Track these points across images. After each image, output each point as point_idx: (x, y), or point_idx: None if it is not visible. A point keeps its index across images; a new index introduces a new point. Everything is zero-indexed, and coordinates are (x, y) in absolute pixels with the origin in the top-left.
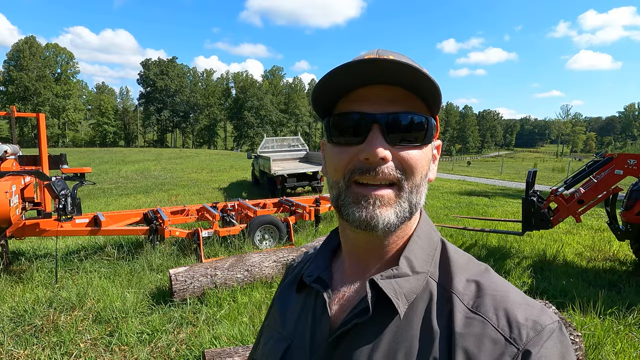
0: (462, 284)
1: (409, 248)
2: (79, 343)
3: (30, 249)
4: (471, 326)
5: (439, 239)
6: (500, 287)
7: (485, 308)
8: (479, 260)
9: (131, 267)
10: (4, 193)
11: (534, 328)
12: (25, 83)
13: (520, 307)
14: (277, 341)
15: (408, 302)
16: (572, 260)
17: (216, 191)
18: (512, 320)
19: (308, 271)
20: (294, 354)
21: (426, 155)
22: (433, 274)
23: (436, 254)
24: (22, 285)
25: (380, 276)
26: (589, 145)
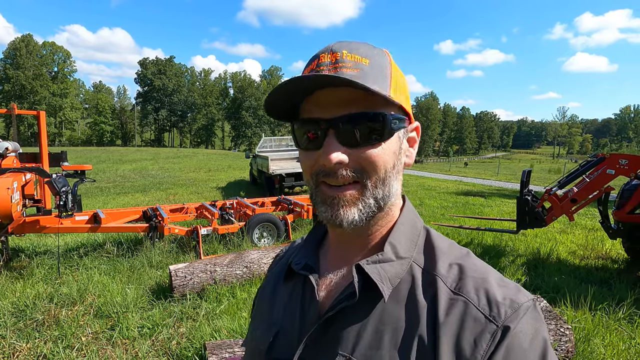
0: (444, 267)
1: (393, 235)
2: (80, 337)
3: (30, 245)
4: (454, 306)
5: (422, 226)
6: (481, 270)
7: (467, 289)
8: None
9: (131, 263)
10: (6, 189)
11: (511, 306)
12: (22, 81)
13: (499, 287)
14: (267, 327)
15: (392, 286)
16: (566, 259)
17: (214, 190)
18: (492, 300)
19: (296, 260)
20: (283, 339)
21: (389, 148)
22: (417, 258)
23: (419, 240)
24: (23, 281)
25: (366, 261)
26: (585, 147)
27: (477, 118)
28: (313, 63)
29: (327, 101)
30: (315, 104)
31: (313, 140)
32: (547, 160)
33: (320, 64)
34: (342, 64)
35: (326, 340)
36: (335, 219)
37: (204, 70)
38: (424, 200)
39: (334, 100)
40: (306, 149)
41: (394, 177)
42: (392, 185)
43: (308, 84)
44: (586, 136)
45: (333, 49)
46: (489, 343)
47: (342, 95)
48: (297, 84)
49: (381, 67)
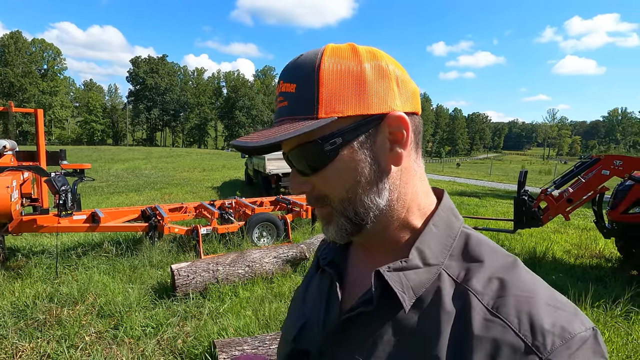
0: (482, 281)
1: (422, 238)
2: (84, 336)
3: (26, 245)
4: (489, 330)
5: (459, 228)
6: (528, 286)
7: (506, 310)
8: None
9: (130, 263)
10: (5, 188)
11: (562, 336)
12: (10, 79)
13: (548, 310)
14: (296, 317)
15: (415, 296)
16: (561, 258)
17: (209, 190)
18: (537, 326)
19: (323, 254)
20: (308, 331)
21: (340, 167)
22: (449, 266)
23: (455, 244)
24: (21, 281)
25: (387, 268)
26: (574, 148)
27: (469, 119)
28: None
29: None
30: None
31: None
32: (538, 162)
33: (277, 94)
34: (280, 98)
35: (345, 339)
36: (325, 234)
37: (197, 70)
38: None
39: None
40: None
41: (365, 192)
42: (366, 199)
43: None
44: (575, 138)
45: (279, 77)
46: None
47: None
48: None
49: (306, 85)
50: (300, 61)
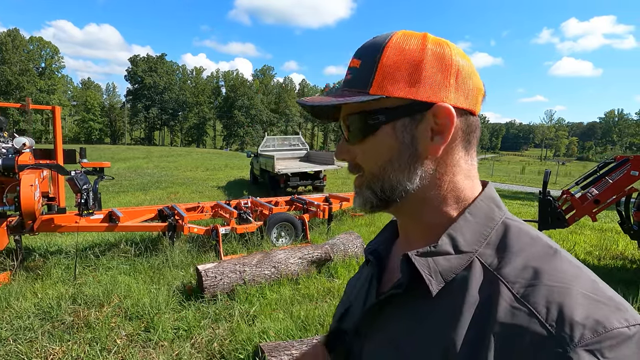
0: (515, 269)
1: (455, 226)
2: (115, 339)
3: (41, 245)
4: (514, 317)
5: (501, 218)
6: (565, 277)
7: (535, 299)
8: None
9: (150, 263)
10: (30, 186)
11: (594, 329)
12: (8, 77)
13: (584, 302)
14: (343, 302)
15: (444, 281)
16: (584, 259)
17: (215, 190)
18: (567, 317)
19: (369, 245)
20: (350, 315)
21: (379, 143)
22: (483, 254)
23: (493, 233)
24: (41, 282)
25: (416, 252)
26: (571, 149)
27: None
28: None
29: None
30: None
31: None
32: (535, 162)
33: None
34: (348, 72)
35: (378, 321)
36: (354, 203)
37: (196, 69)
38: None
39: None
40: None
41: (395, 171)
42: (395, 178)
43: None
44: (572, 139)
45: (354, 55)
46: None
47: None
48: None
49: (366, 64)
50: (371, 41)
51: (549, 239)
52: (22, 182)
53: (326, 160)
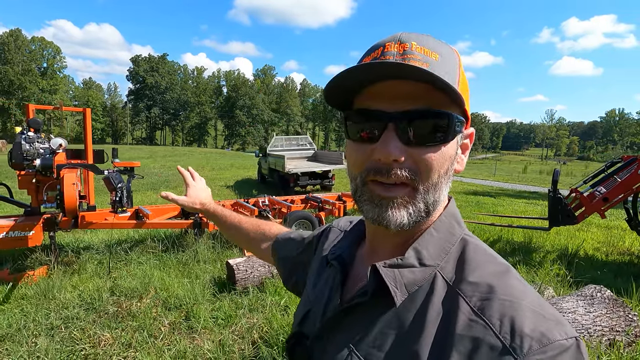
0: (472, 284)
1: (421, 240)
2: (159, 327)
3: (70, 242)
4: (471, 329)
5: (460, 234)
6: (515, 293)
7: (490, 312)
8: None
9: (178, 259)
10: (72, 185)
11: (540, 340)
12: (10, 77)
13: (531, 316)
14: (303, 304)
15: (408, 293)
16: (593, 255)
17: (224, 189)
18: (517, 329)
19: (333, 249)
20: (311, 317)
21: (447, 152)
22: (444, 269)
23: (453, 249)
24: (78, 276)
25: (383, 264)
26: (572, 149)
27: None
28: (377, 51)
29: (391, 94)
30: (376, 96)
31: (369, 133)
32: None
33: (385, 53)
34: (410, 56)
35: (340, 327)
36: (382, 220)
37: (197, 69)
38: None
39: (398, 93)
40: (361, 141)
41: (444, 183)
42: (443, 191)
43: (380, 71)
44: (573, 138)
45: (401, 38)
46: None
47: (407, 89)
48: (366, 72)
49: (451, 65)
50: (436, 40)
51: (500, 257)
52: (65, 181)
53: (334, 160)
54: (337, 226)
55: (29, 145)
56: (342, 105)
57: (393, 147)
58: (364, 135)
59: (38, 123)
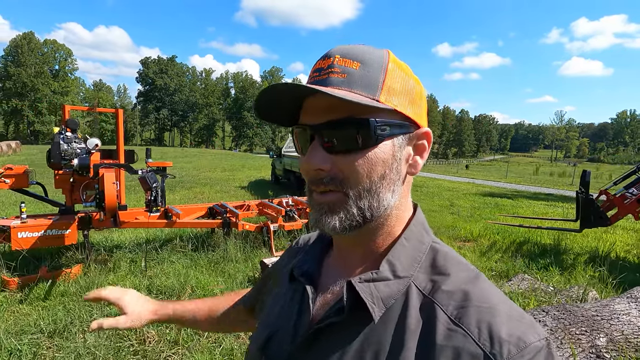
0: (447, 292)
1: (393, 251)
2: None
3: (100, 240)
4: (451, 339)
5: (429, 242)
6: (488, 298)
7: (467, 320)
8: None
9: (209, 258)
10: (112, 184)
11: (517, 345)
12: (23, 79)
13: (506, 321)
14: (263, 326)
15: (385, 307)
16: (625, 257)
17: (239, 190)
18: (495, 335)
19: (298, 264)
20: (275, 342)
21: (377, 156)
22: (417, 279)
23: (424, 258)
24: (113, 274)
25: (358, 279)
26: (582, 150)
27: (475, 121)
28: (314, 66)
29: (313, 107)
30: (305, 111)
31: (303, 146)
32: (546, 164)
33: (317, 69)
34: (331, 70)
35: (314, 349)
36: (318, 224)
37: (205, 70)
38: (453, 201)
39: (319, 106)
40: (301, 153)
41: (384, 188)
42: (383, 196)
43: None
44: (583, 140)
45: (329, 54)
46: None
47: (325, 102)
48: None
49: (372, 71)
50: (364, 48)
51: (468, 262)
52: (105, 180)
53: None
54: (296, 245)
55: (67, 145)
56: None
57: (315, 157)
58: (299, 148)
59: (75, 123)
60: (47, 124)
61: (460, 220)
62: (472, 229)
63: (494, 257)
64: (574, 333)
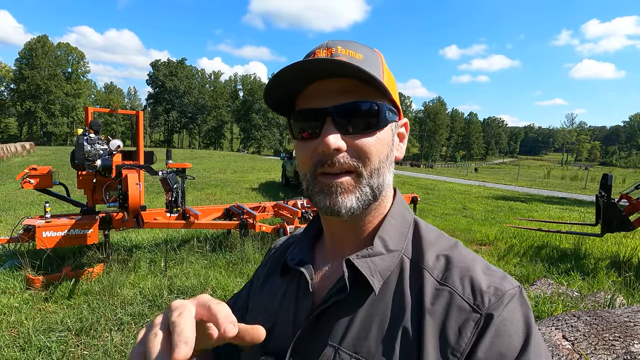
0: (432, 259)
1: (383, 228)
2: None
3: (118, 240)
4: (440, 297)
5: (412, 218)
6: (467, 259)
7: (452, 279)
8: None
9: (227, 259)
10: (136, 185)
11: (495, 294)
12: (37, 81)
13: (484, 275)
14: (263, 320)
15: (383, 279)
16: None
17: (250, 191)
18: (476, 288)
19: (291, 255)
20: (278, 332)
21: (383, 138)
22: (406, 251)
23: (409, 232)
24: (134, 274)
25: (356, 256)
26: (593, 154)
27: (484, 124)
28: (309, 57)
29: (323, 91)
30: (311, 96)
31: (311, 131)
32: (557, 167)
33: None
34: (337, 57)
35: (318, 331)
36: (334, 207)
37: (214, 73)
38: (467, 204)
39: (330, 90)
40: (306, 139)
41: (386, 168)
42: (386, 175)
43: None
44: (594, 143)
45: (328, 45)
46: (473, 331)
47: (337, 86)
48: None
49: (374, 63)
50: (359, 44)
51: (446, 234)
52: (129, 181)
53: None
54: (275, 247)
55: (90, 146)
56: (285, 110)
57: (333, 138)
58: (306, 134)
59: (98, 125)
60: (59, 125)
61: (475, 223)
62: (487, 233)
63: (512, 261)
64: (608, 339)
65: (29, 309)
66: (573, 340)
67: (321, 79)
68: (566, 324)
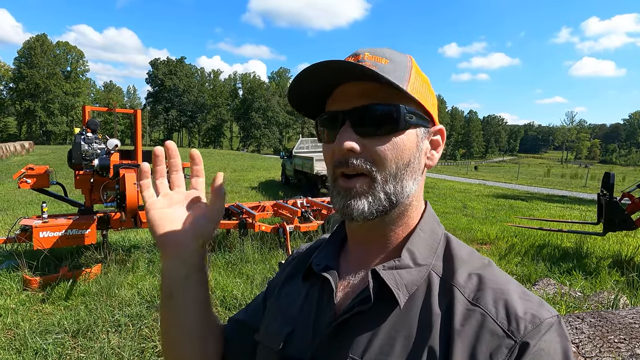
0: (463, 277)
1: (412, 241)
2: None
3: (117, 240)
4: (471, 318)
5: (442, 233)
6: (501, 281)
7: (485, 301)
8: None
9: (226, 259)
10: (133, 184)
11: (532, 321)
12: (36, 80)
13: (520, 300)
14: (281, 324)
15: (409, 294)
16: None
17: (250, 190)
18: (511, 313)
19: (317, 260)
20: (298, 338)
21: (403, 143)
22: (435, 266)
23: (439, 247)
24: (132, 274)
25: (382, 267)
26: (593, 152)
27: (484, 122)
28: None
29: (344, 94)
30: (336, 99)
31: (331, 133)
32: (557, 165)
33: None
34: (362, 63)
35: (339, 341)
36: (346, 209)
37: (214, 72)
38: (467, 203)
39: (350, 93)
40: (327, 141)
41: (408, 175)
42: (406, 183)
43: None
44: (594, 141)
45: (357, 52)
46: (506, 358)
47: (357, 89)
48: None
49: (400, 67)
50: (390, 50)
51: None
52: (127, 180)
53: None
54: (298, 252)
55: (88, 145)
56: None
57: (347, 139)
58: (327, 135)
59: (96, 124)
60: (58, 124)
61: (476, 222)
62: (488, 231)
63: (513, 260)
64: (613, 341)
65: (25, 311)
66: (577, 343)
67: (343, 82)
68: (570, 325)
